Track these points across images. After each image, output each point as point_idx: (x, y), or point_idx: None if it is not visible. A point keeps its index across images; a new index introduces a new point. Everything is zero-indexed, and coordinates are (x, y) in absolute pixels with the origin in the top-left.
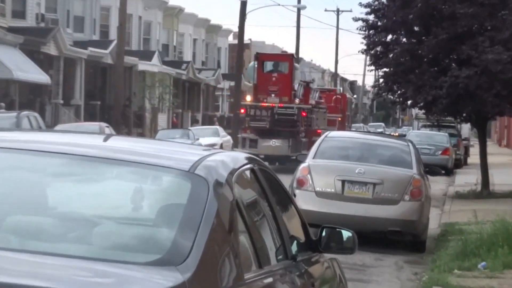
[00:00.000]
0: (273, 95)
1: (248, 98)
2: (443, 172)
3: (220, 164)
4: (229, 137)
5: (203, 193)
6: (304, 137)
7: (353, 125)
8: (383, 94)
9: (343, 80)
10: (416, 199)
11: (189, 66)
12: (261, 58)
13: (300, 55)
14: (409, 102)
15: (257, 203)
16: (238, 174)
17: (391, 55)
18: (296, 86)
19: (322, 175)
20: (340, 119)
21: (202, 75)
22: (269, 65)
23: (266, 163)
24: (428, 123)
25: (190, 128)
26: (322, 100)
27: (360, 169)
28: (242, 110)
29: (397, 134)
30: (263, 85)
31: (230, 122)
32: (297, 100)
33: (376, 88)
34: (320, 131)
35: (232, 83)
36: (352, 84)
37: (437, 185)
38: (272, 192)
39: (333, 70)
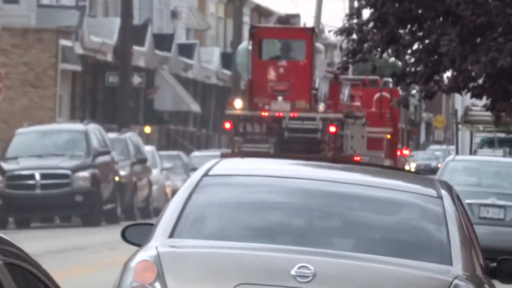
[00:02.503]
0: (280, 98)
1: (238, 103)
2: None
3: None
4: None
5: None
6: None
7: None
8: (372, 53)
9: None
10: None
11: None
12: (258, 34)
13: None
14: (445, 76)
15: None
16: None
17: None
18: (317, 82)
19: (197, 283)
20: (389, 136)
21: None
22: (272, 47)
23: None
24: (500, 134)
25: None
26: (358, 103)
27: (305, 265)
28: (228, 125)
29: (412, 165)
30: (263, 81)
31: None
32: (321, 106)
33: (353, 42)
34: (359, 157)
35: None
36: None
37: None
38: None
39: None
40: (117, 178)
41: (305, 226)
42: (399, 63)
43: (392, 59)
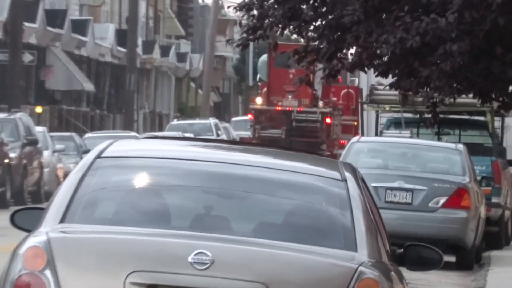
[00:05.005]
0: (290, 96)
1: (259, 100)
2: (443, 260)
3: None
4: None
5: None
6: (326, 151)
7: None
8: (273, 29)
9: None
10: None
11: None
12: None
13: None
14: (349, 53)
15: None
16: None
17: None
18: (316, 85)
19: (90, 270)
20: (356, 123)
21: None
22: (284, 59)
23: None
24: (407, 114)
25: None
26: (335, 98)
27: (203, 251)
28: (250, 116)
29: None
30: (277, 84)
31: None
32: (321, 103)
33: (253, 18)
34: (344, 141)
35: None
36: None
37: None
38: None
39: None
40: (6, 161)
41: (203, 210)
42: (302, 40)
43: (294, 36)
